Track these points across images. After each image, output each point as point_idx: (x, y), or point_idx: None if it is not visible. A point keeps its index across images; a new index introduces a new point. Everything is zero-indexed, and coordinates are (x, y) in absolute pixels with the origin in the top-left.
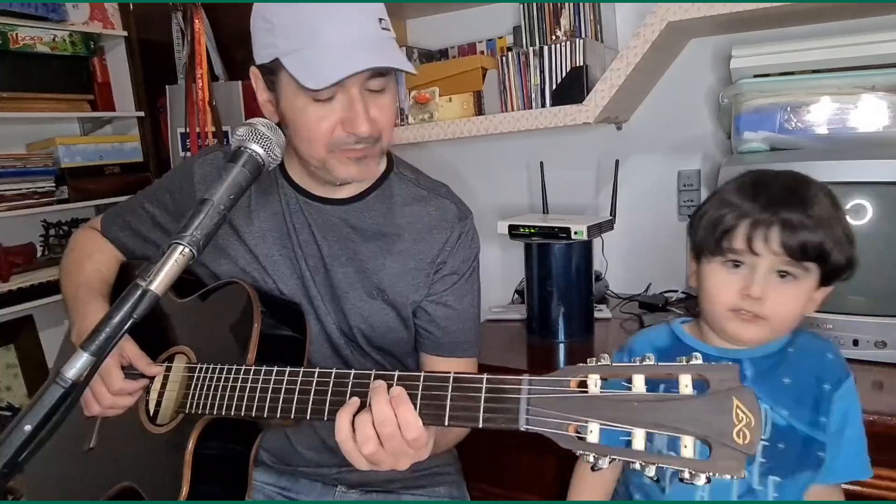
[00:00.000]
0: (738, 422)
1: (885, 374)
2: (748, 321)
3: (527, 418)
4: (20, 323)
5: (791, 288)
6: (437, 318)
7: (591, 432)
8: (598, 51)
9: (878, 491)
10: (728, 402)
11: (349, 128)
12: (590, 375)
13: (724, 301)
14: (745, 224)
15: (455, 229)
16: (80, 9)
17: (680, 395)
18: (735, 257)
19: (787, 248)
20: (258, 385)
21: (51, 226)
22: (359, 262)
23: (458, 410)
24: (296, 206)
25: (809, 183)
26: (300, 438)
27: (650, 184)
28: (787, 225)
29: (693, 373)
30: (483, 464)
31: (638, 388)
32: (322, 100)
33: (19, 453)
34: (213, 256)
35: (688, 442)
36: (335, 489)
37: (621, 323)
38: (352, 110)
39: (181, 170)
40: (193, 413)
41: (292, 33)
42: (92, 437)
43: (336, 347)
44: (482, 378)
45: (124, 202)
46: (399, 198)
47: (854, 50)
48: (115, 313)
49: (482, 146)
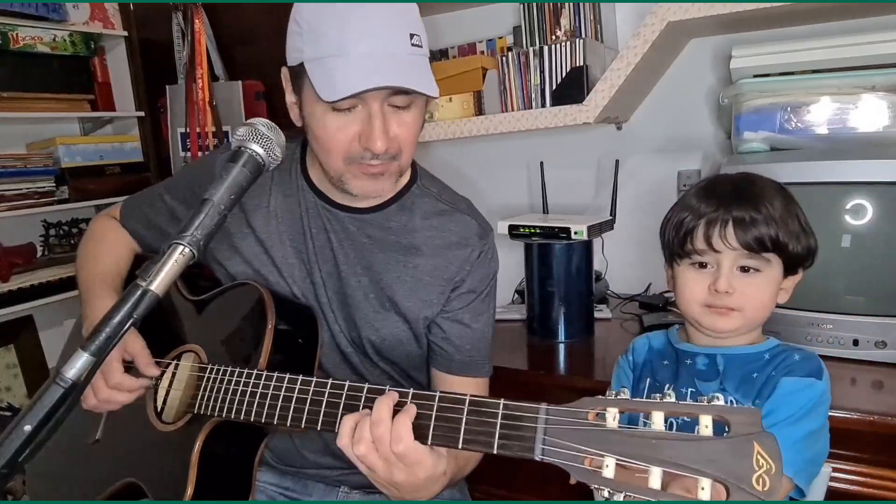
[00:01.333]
0: (759, 467)
1: (885, 374)
2: (722, 314)
3: (542, 448)
4: (20, 323)
5: (756, 279)
6: (452, 336)
7: (607, 467)
8: (598, 51)
9: (878, 491)
10: (749, 446)
11: (365, 142)
12: (608, 409)
13: (695, 298)
14: (703, 224)
15: (476, 248)
16: (80, 9)
17: (699, 436)
18: (700, 258)
19: (744, 243)
20: (269, 391)
21: (51, 226)
22: (374, 273)
23: (473, 434)
24: (315, 211)
25: (759, 183)
26: (304, 442)
27: (650, 184)
28: (740, 221)
29: (714, 413)
30: (485, 465)
31: (657, 426)
32: (341, 110)
33: (19, 453)
34: (227, 255)
35: (705, 484)
36: (338, 490)
37: (621, 323)
38: (369, 125)
39: (204, 164)
40: (202, 414)
41: (318, 40)
42: (98, 430)
43: (345, 355)
44: (499, 403)
45: (144, 192)
46: (420, 211)
47: (854, 50)
48: (115, 313)
49: (482, 146)
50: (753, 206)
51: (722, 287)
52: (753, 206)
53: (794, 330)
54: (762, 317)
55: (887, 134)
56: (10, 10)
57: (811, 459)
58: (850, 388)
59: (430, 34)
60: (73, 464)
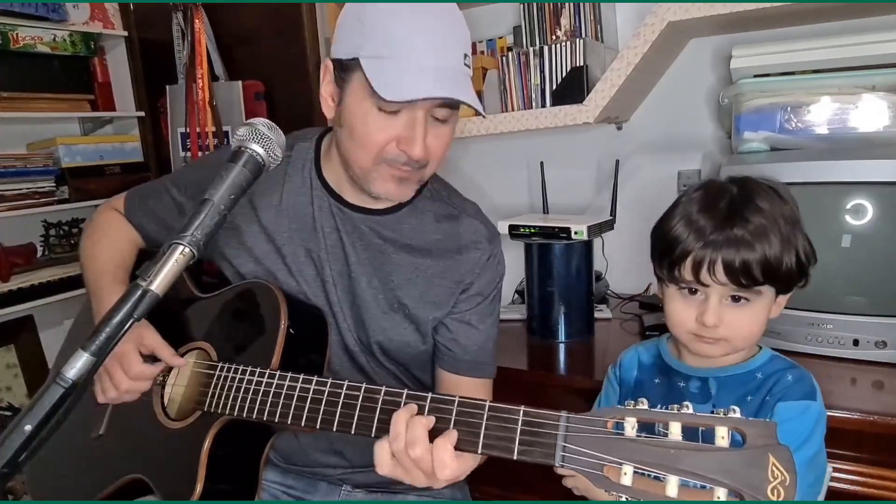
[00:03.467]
0: (773, 479)
1: (885, 374)
2: (709, 343)
3: (563, 455)
4: (20, 323)
5: (746, 310)
6: (459, 337)
7: (626, 475)
8: (598, 51)
9: (878, 491)
10: (764, 458)
11: (404, 146)
12: (627, 418)
13: (683, 327)
14: (691, 259)
15: (486, 251)
16: (80, 9)
17: (716, 447)
18: (687, 286)
19: (733, 280)
20: (282, 391)
21: (51, 226)
22: (384, 274)
23: (493, 440)
24: (327, 210)
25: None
26: (309, 441)
27: (650, 184)
28: (730, 259)
29: (730, 425)
30: (485, 465)
31: (674, 435)
32: (387, 112)
33: (19, 453)
34: (237, 252)
35: (721, 493)
36: (340, 489)
37: (621, 323)
38: (413, 130)
39: (213, 160)
40: (212, 412)
41: (382, 40)
42: (102, 425)
43: (352, 355)
44: (519, 410)
45: (149, 185)
46: (431, 214)
47: (854, 50)
48: (116, 313)
49: (482, 146)
50: (747, 242)
51: (709, 321)
52: (747, 243)
53: (794, 330)
54: (750, 344)
55: (887, 134)
56: (10, 10)
57: (813, 483)
58: (850, 388)
59: None
60: (76, 458)
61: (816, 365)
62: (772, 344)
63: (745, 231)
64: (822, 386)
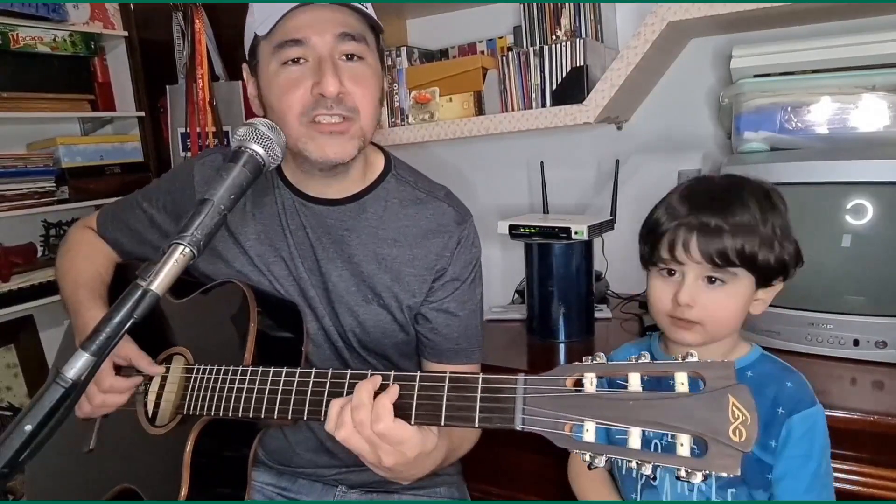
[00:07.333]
0: (734, 419)
1: (886, 374)
2: (684, 328)
3: (523, 417)
4: (20, 323)
5: (721, 292)
6: (439, 326)
7: (588, 431)
8: (598, 51)
9: (878, 491)
10: (724, 399)
11: (318, 88)
12: (585, 374)
13: (661, 308)
14: (668, 236)
15: (454, 235)
16: (80, 9)
17: (675, 394)
18: (666, 266)
19: (706, 256)
20: (255, 386)
21: (51, 226)
22: (354, 266)
23: (455, 410)
24: (291, 208)
25: (741, 188)
26: (299, 440)
27: (650, 184)
28: (705, 234)
29: (689, 370)
30: (483, 464)
31: (634, 387)
32: (292, 63)
33: (19, 453)
34: (209, 260)
35: (684, 440)
36: (335, 489)
37: (622, 323)
38: (320, 70)
39: (181, 171)
40: (192, 414)
41: (265, 5)
42: (91, 439)
43: (337, 349)
44: (478, 377)
45: (120, 201)
46: (396, 200)
47: (854, 50)
48: (116, 313)
49: (482, 146)
50: (722, 215)
51: (683, 299)
52: (721, 216)
53: (794, 330)
54: (726, 331)
55: (887, 134)
56: (11, 10)
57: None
58: (850, 388)
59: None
60: (69, 474)
61: (816, 365)
62: (771, 343)
63: (723, 212)
64: (821, 386)
